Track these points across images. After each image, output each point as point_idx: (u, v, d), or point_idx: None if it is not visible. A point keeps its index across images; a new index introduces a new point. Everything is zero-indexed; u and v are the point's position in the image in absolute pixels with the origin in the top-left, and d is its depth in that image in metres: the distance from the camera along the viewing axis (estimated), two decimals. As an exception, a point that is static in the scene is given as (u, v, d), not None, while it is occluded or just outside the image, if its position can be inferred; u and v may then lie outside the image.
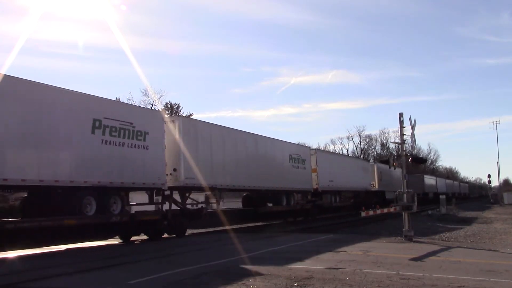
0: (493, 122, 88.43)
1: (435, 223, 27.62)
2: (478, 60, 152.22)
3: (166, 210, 18.54)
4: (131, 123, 16.07)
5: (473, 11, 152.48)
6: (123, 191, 16.28)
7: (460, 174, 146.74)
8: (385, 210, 18.24)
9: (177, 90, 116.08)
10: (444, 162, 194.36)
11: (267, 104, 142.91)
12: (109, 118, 15.15)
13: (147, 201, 18.47)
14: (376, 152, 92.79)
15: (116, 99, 44.43)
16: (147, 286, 8.36)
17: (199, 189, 19.94)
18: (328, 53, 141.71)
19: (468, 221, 29.92)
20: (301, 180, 28.37)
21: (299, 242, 15.30)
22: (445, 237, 19.07)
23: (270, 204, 26.74)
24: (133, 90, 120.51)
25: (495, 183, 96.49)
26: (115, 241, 16.94)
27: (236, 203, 31.10)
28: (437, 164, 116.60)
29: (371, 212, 18.17)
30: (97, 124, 14.73)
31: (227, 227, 21.47)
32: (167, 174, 17.65)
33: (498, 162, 76.48)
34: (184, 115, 50.46)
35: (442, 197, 40.64)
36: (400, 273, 9.06)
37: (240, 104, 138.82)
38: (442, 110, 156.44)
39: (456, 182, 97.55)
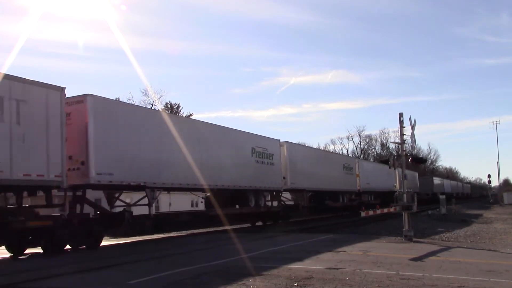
0: (493, 122, 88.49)
1: (435, 223, 27.61)
2: (477, 60, 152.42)
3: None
4: (266, 149, 24.67)
5: (473, 11, 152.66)
6: (265, 192, 25.38)
7: (460, 174, 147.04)
8: (385, 210, 18.22)
9: (177, 90, 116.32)
10: (444, 162, 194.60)
11: (267, 104, 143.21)
12: (258, 146, 24.13)
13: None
14: (376, 152, 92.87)
15: (116, 99, 44.43)
16: (147, 286, 8.36)
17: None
18: (328, 53, 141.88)
19: (468, 221, 29.90)
20: (348, 183, 35.99)
21: (299, 242, 15.30)
22: (445, 237, 19.06)
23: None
24: (133, 90, 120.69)
25: (495, 183, 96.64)
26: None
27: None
28: (437, 164, 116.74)
29: (371, 212, 18.15)
30: (253, 150, 23.60)
31: (227, 227, 21.49)
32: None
33: (498, 162, 76.53)
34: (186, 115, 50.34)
35: (442, 197, 40.60)
36: (400, 273, 9.06)
37: (240, 104, 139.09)
38: (442, 110, 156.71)
39: (460, 183, 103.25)
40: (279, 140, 26.30)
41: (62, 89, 13.51)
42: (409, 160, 18.81)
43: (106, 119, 15.14)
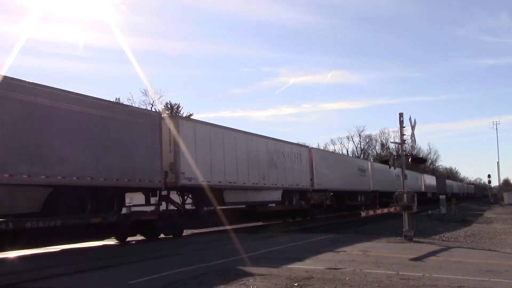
0: (493, 122, 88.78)
1: (435, 223, 27.62)
2: (477, 60, 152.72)
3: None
4: (300, 154, 28.39)
5: (472, 11, 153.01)
6: (296, 192, 28.05)
7: (460, 174, 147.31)
8: (385, 210, 18.22)
9: (177, 90, 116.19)
10: (444, 162, 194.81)
11: (266, 104, 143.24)
12: (292, 152, 27.30)
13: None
14: (376, 152, 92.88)
15: (116, 99, 44.51)
16: (147, 286, 8.36)
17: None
18: (328, 53, 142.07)
19: (468, 221, 29.91)
20: (363, 183, 39.51)
21: (299, 242, 15.29)
22: (445, 237, 19.07)
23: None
24: (133, 90, 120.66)
25: (495, 183, 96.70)
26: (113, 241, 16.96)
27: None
28: (437, 164, 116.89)
29: (371, 212, 18.15)
30: (289, 155, 26.94)
31: (227, 227, 21.48)
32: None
33: (498, 162, 76.74)
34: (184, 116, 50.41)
35: (442, 197, 40.72)
36: (400, 273, 9.05)
37: (239, 104, 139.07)
38: (442, 110, 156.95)
39: (465, 184, 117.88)
40: (308, 146, 32.18)
41: (160, 115, 18.16)
42: (409, 160, 18.82)
43: (190, 137, 18.76)
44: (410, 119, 16.69)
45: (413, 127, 16.71)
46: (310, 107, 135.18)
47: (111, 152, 15.30)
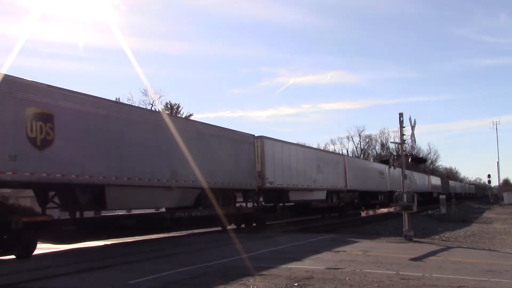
0: (493, 122, 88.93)
1: (435, 223, 27.62)
2: (476, 60, 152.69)
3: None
4: (337, 162, 34.13)
5: (471, 12, 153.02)
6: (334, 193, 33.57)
7: (460, 174, 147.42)
8: (385, 210, 18.23)
9: (177, 91, 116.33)
10: (444, 162, 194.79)
11: (266, 104, 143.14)
12: (331, 160, 33.14)
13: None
14: (376, 152, 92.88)
15: (116, 99, 44.49)
16: (147, 286, 8.36)
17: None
18: (327, 53, 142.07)
19: (468, 221, 29.90)
20: (381, 185, 44.55)
21: (299, 242, 15.29)
22: (445, 237, 19.06)
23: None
24: (133, 90, 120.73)
25: (495, 183, 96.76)
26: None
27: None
28: (437, 164, 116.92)
29: (371, 212, 18.16)
30: (329, 163, 32.53)
31: (227, 227, 21.50)
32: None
33: (498, 162, 76.72)
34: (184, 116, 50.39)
35: (442, 197, 40.83)
36: (400, 273, 9.06)
37: (239, 104, 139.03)
38: (442, 110, 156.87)
39: (466, 184, 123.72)
40: (343, 155, 40.31)
41: (253, 136, 23.77)
42: (409, 160, 18.83)
43: (270, 151, 24.61)
44: (410, 119, 16.73)
45: (413, 127, 16.71)
46: (310, 107, 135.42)
47: (234, 165, 21.72)
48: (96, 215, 16.77)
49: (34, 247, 13.16)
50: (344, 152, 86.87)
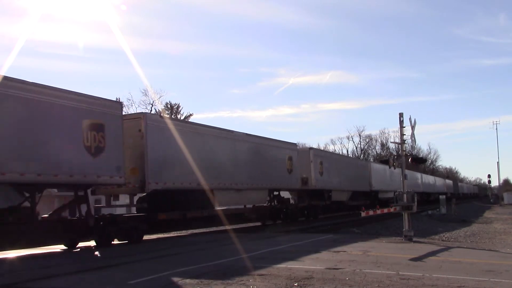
0: (493, 122, 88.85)
1: (435, 223, 27.62)
2: (476, 60, 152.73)
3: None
4: (367, 167, 41.53)
5: (470, 12, 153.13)
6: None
7: (460, 174, 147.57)
8: (385, 210, 18.21)
9: (177, 91, 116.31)
10: (444, 162, 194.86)
11: (265, 105, 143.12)
12: (361, 166, 41.54)
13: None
14: (376, 152, 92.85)
15: (116, 99, 44.47)
16: (147, 286, 8.36)
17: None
18: (326, 53, 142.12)
19: (468, 221, 29.92)
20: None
21: (299, 242, 15.29)
22: (445, 237, 19.06)
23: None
24: (133, 90, 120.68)
25: (495, 183, 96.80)
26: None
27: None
28: (437, 164, 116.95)
29: (371, 212, 18.13)
30: (362, 168, 41.00)
31: (227, 227, 21.47)
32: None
33: (498, 162, 76.72)
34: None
35: (442, 197, 40.95)
36: (400, 273, 9.05)
37: (238, 104, 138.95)
38: (442, 110, 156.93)
39: (471, 185, 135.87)
40: (369, 161, 42.28)
41: (309, 148, 30.88)
42: (409, 160, 18.81)
43: (317, 159, 30.33)
44: (410, 119, 16.72)
45: (413, 127, 16.70)
46: (309, 107, 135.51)
47: (287, 171, 27.14)
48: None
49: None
50: (344, 152, 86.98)
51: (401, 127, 16.67)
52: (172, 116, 50.65)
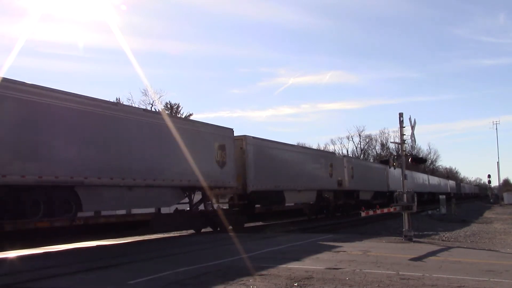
0: (493, 122, 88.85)
1: (435, 223, 27.62)
2: (476, 60, 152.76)
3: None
4: (385, 169, 42.96)
5: (470, 12, 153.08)
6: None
7: (460, 174, 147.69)
8: (385, 210, 18.20)
9: (177, 91, 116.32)
10: (444, 162, 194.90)
11: (265, 105, 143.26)
12: (379, 167, 44.55)
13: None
14: (376, 152, 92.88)
15: (116, 99, 44.56)
16: (147, 286, 8.36)
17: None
18: (326, 53, 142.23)
19: (468, 221, 29.91)
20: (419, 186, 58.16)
21: (299, 242, 15.29)
22: (445, 237, 19.05)
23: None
24: (133, 90, 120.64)
25: (495, 183, 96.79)
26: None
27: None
28: (437, 164, 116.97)
29: (371, 212, 18.13)
30: (382, 171, 44.72)
31: (227, 227, 21.48)
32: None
33: (498, 162, 76.66)
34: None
35: (442, 197, 40.95)
36: (400, 273, 9.05)
37: (238, 104, 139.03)
38: (442, 110, 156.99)
39: (472, 186, 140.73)
40: (387, 166, 40.92)
41: (343, 156, 37.19)
42: (409, 160, 18.81)
43: (350, 166, 36.29)
44: (410, 119, 16.71)
45: (413, 127, 16.70)
46: (309, 107, 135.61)
47: (327, 175, 32.42)
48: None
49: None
50: (344, 152, 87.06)
51: (401, 127, 16.67)
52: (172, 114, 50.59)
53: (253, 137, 24.03)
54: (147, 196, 16.84)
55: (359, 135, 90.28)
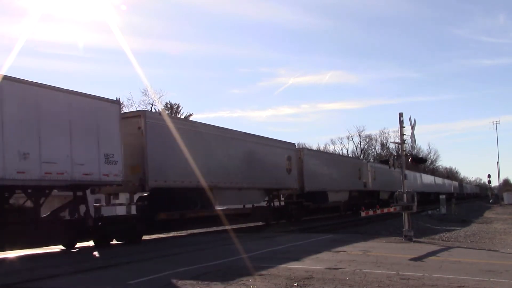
0: (493, 122, 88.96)
1: (435, 223, 27.62)
2: (476, 60, 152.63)
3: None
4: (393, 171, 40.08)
5: (470, 12, 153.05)
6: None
7: (460, 174, 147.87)
8: (385, 210, 18.21)
9: (177, 91, 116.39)
10: (444, 162, 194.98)
11: (265, 105, 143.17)
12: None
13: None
14: (376, 152, 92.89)
15: (116, 99, 44.52)
16: (147, 286, 8.36)
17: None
18: (326, 53, 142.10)
19: (468, 221, 29.91)
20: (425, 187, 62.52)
21: (299, 242, 15.30)
22: (445, 237, 19.05)
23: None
24: (133, 90, 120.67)
25: (495, 183, 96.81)
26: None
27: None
28: (437, 164, 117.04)
29: (371, 212, 18.13)
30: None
31: (227, 227, 21.50)
32: None
33: (498, 162, 76.63)
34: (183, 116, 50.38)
35: (442, 197, 40.97)
36: (400, 273, 9.06)
37: (238, 104, 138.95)
38: (442, 110, 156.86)
39: (473, 186, 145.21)
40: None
41: (361, 160, 49.09)
42: (409, 160, 18.81)
43: (367, 169, 40.59)
44: (410, 119, 16.72)
45: (413, 127, 16.70)
46: (309, 107, 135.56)
47: (354, 178, 37.34)
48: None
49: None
50: (344, 152, 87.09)
51: (401, 127, 16.68)
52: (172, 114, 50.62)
53: (307, 148, 30.92)
54: (248, 195, 24.10)
55: (359, 135, 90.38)
